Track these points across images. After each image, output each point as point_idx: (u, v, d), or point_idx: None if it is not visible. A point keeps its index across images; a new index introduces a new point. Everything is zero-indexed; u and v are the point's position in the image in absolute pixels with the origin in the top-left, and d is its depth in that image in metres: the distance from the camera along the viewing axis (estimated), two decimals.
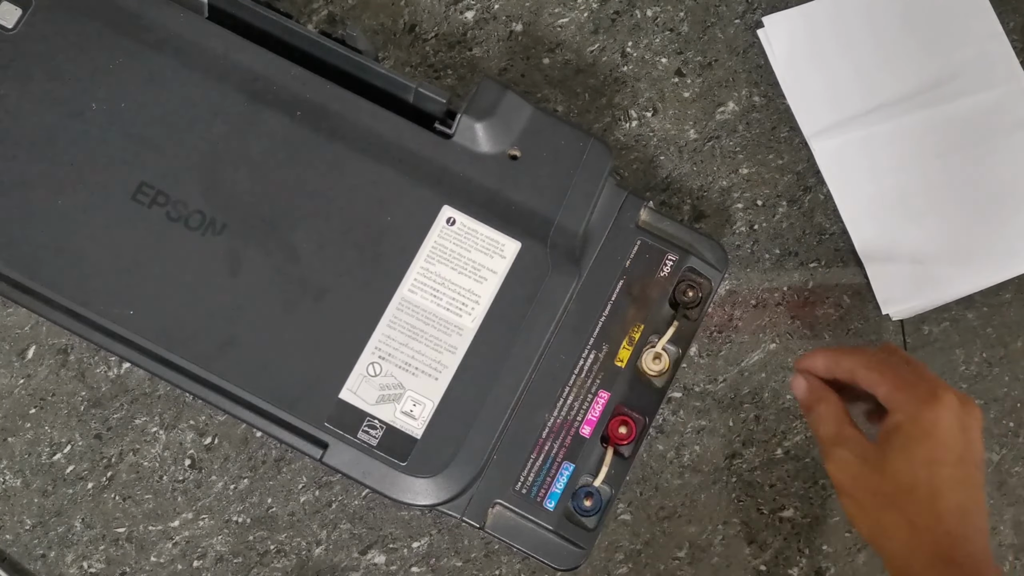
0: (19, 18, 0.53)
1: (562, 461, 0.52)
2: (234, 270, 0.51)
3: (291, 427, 0.50)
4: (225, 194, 0.52)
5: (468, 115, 0.53)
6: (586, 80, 0.63)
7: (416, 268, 0.52)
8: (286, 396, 0.50)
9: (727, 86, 0.63)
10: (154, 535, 0.58)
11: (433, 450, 0.50)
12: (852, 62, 0.64)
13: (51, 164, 0.51)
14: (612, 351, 0.53)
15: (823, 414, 0.48)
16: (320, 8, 0.63)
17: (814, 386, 0.49)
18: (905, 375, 0.45)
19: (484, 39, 0.63)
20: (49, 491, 0.58)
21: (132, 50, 0.53)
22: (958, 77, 0.64)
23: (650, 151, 0.63)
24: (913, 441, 0.43)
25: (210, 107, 0.52)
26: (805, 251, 0.62)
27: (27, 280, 0.51)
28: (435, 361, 0.51)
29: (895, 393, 0.45)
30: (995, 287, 0.62)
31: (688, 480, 0.59)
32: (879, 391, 0.45)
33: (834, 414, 0.47)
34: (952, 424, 0.43)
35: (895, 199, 0.62)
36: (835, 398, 0.48)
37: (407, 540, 0.58)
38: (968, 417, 0.44)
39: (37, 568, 0.58)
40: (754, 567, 0.59)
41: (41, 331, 0.59)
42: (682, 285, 0.54)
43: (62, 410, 0.59)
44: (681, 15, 0.64)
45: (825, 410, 0.48)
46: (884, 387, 0.45)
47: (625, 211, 0.55)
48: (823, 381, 0.49)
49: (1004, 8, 0.64)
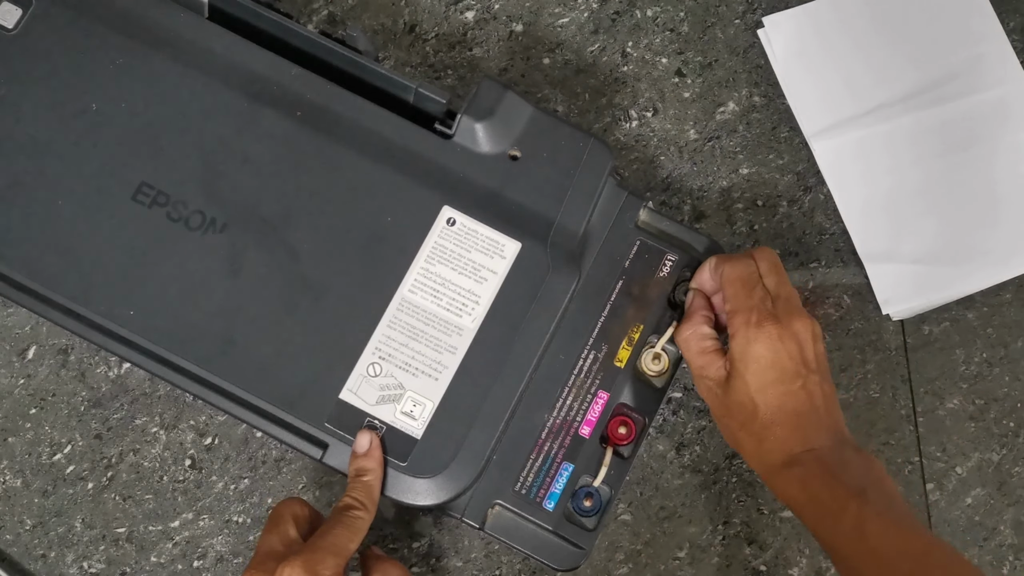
0: (19, 18, 0.53)
1: (562, 461, 0.52)
2: (234, 270, 0.51)
3: (291, 427, 0.50)
4: (225, 194, 0.52)
5: (468, 115, 0.53)
6: (586, 80, 0.63)
7: (416, 268, 0.52)
8: (286, 396, 0.50)
9: (727, 86, 0.63)
10: (154, 535, 0.58)
11: (433, 450, 0.50)
12: (852, 62, 0.64)
13: (51, 164, 0.51)
14: (612, 351, 0.53)
15: (688, 339, 0.52)
16: (320, 8, 0.63)
17: (693, 307, 0.53)
18: (750, 299, 0.49)
19: (484, 39, 0.63)
20: (49, 491, 0.58)
21: (132, 50, 0.53)
22: (958, 77, 0.64)
23: (650, 151, 0.63)
24: (744, 369, 0.49)
25: (210, 107, 0.52)
26: (805, 251, 0.62)
27: (27, 280, 0.51)
28: (435, 361, 0.51)
29: (733, 316, 0.49)
30: (995, 287, 0.62)
31: (688, 480, 0.59)
32: (727, 308, 0.50)
33: (698, 340, 0.51)
34: (773, 349, 0.48)
35: (895, 199, 0.62)
36: (702, 326, 0.51)
37: (407, 540, 0.58)
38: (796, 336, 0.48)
39: (37, 568, 0.58)
40: (754, 567, 0.59)
41: (41, 331, 0.59)
42: (684, 284, 0.54)
43: (62, 410, 0.59)
44: (681, 15, 0.64)
45: (689, 334, 0.52)
46: (729, 305, 0.50)
47: (625, 211, 0.55)
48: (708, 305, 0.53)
49: (1004, 8, 0.64)
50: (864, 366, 0.61)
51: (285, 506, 0.48)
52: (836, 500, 0.46)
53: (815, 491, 0.47)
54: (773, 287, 0.50)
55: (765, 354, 0.48)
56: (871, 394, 0.61)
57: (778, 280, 0.51)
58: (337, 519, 0.47)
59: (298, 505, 0.48)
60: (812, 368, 0.49)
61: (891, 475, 0.59)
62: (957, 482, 0.60)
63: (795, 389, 0.48)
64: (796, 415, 0.48)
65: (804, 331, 0.49)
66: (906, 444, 0.61)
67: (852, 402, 0.60)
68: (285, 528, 0.47)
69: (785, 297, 0.50)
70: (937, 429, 0.61)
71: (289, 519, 0.47)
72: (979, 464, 0.61)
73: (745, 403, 0.49)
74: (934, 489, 0.60)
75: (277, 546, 0.46)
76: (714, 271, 0.52)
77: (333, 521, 0.47)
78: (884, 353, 0.61)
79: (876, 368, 0.61)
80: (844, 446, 0.48)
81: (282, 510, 0.48)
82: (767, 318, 0.48)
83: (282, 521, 0.47)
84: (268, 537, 0.46)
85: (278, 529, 0.47)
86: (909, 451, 0.60)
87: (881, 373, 0.61)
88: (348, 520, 0.47)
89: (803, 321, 0.49)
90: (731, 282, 0.50)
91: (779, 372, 0.48)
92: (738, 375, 0.49)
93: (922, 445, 0.61)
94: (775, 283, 0.50)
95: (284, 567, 0.43)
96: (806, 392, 0.48)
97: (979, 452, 0.61)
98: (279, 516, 0.47)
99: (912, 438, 0.61)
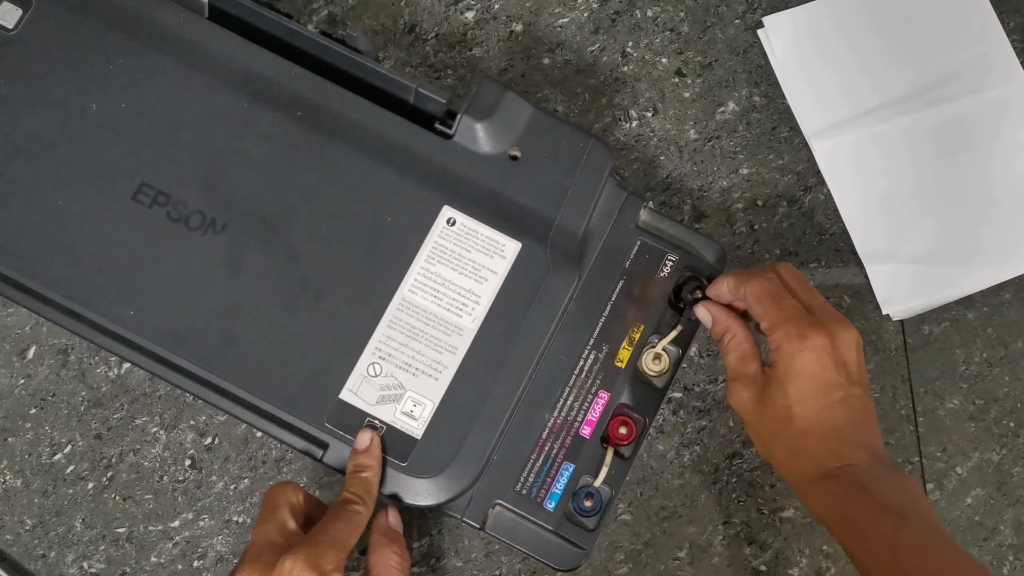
0: (19, 18, 0.53)
1: (562, 461, 0.52)
2: (234, 270, 0.51)
3: (291, 427, 0.50)
4: (225, 194, 0.52)
5: (468, 115, 0.53)
6: (586, 80, 0.63)
7: (416, 268, 0.52)
8: (286, 396, 0.50)
9: (727, 86, 0.63)
10: (154, 535, 0.58)
11: (433, 450, 0.50)
12: (852, 62, 0.64)
13: (51, 164, 0.51)
14: (612, 351, 0.53)
15: (729, 346, 0.50)
16: (320, 8, 0.63)
17: (718, 316, 0.51)
18: (784, 311, 0.48)
19: (484, 39, 0.63)
20: (49, 491, 0.58)
21: (132, 50, 0.53)
22: (958, 77, 0.64)
23: (650, 151, 0.63)
24: (786, 380, 0.47)
25: (210, 107, 0.52)
26: (805, 251, 0.62)
27: (27, 280, 0.51)
28: (435, 361, 0.51)
29: (773, 331, 0.48)
30: (995, 287, 0.62)
31: (688, 480, 0.59)
32: (763, 325, 0.49)
33: (737, 346, 0.50)
34: (819, 361, 0.47)
35: (895, 199, 0.62)
36: (740, 330, 0.50)
37: (407, 540, 0.58)
38: (841, 347, 0.47)
39: (37, 568, 0.58)
40: (754, 567, 0.59)
41: (41, 331, 0.59)
42: (692, 283, 0.54)
43: (62, 410, 0.59)
44: (681, 15, 0.64)
45: (730, 342, 0.50)
46: (766, 322, 0.48)
47: (625, 211, 0.55)
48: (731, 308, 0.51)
49: (1004, 8, 0.64)
50: None
51: (280, 493, 0.47)
52: (871, 518, 0.45)
53: (849, 507, 0.46)
54: (804, 298, 0.49)
55: (811, 366, 0.46)
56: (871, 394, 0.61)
57: (808, 290, 0.49)
58: (337, 513, 0.46)
59: (292, 492, 0.47)
60: (855, 380, 0.47)
61: None
62: (957, 482, 0.60)
63: (834, 403, 0.47)
64: (834, 430, 0.47)
65: (851, 341, 0.47)
66: (906, 444, 0.61)
67: None
68: (282, 518, 0.46)
69: (819, 306, 0.48)
70: (937, 429, 0.61)
71: (285, 508, 0.46)
72: (979, 464, 0.61)
73: (781, 414, 0.47)
74: (934, 489, 0.60)
75: (275, 537, 0.45)
76: (734, 290, 0.50)
77: (333, 515, 0.46)
78: (884, 353, 0.61)
79: (876, 368, 0.61)
80: (880, 464, 0.47)
81: (277, 498, 0.47)
82: (811, 328, 0.47)
83: (278, 510, 0.46)
84: (264, 527, 0.46)
85: (275, 519, 0.46)
86: (909, 451, 0.60)
87: (881, 373, 0.61)
88: (348, 515, 0.46)
89: (849, 330, 0.47)
90: (759, 299, 0.49)
91: (822, 385, 0.47)
92: (778, 385, 0.47)
93: (922, 445, 0.61)
94: (805, 294, 0.49)
95: (286, 560, 0.43)
96: (846, 406, 0.47)
97: (979, 452, 0.61)
98: (275, 505, 0.47)
99: (912, 438, 0.61)
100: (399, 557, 0.48)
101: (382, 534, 0.49)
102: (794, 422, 0.47)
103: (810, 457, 0.47)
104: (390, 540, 0.48)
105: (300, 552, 0.43)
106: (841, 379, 0.47)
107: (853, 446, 0.47)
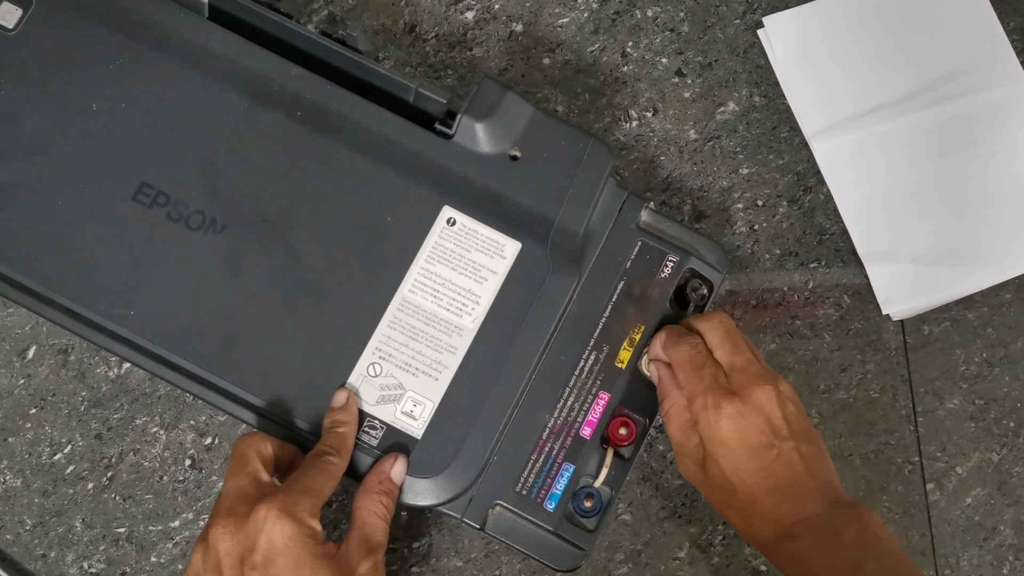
0: (19, 18, 0.53)
1: (562, 462, 0.52)
2: (234, 270, 0.51)
3: (292, 427, 0.50)
4: (225, 194, 0.52)
5: (468, 115, 0.53)
6: (586, 80, 0.63)
7: (416, 268, 0.52)
8: (286, 396, 0.50)
9: (727, 86, 0.63)
10: (154, 535, 0.58)
11: (433, 451, 0.50)
12: (852, 62, 0.64)
13: (52, 164, 0.51)
14: (613, 352, 0.53)
15: (668, 413, 0.50)
16: (320, 8, 0.63)
17: (662, 379, 0.51)
18: (702, 380, 0.48)
19: (484, 39, 0.63)
20: (49, 491, 0.58)
21: (132, 50, 0.53)
22: (958, 77, 0.64)
23: (650, 151, 0.63)
24: (715, 453, 0.47)
25: (210, 107, 0.52)
26: (805, 251, 0.62)
27: (27, 280, 0.51)
28: (435, 361, 0.51)
29: (691, 403, 0.48)
30: (995, 287, 0.62)
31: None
32: (684, 394, 0.49)
33: (677, 415, 0.50)
34: (739, 428, 0.46)
35: (895, 199, 0.62)
36: (680, 398, 0.50)
37: (407, 540, 0.58)
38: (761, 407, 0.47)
39: (37, 568, 0.58)
40: (754, 567, 0.59)
41: (41, 331, 0.59)
42: (695, 281, 0.54)
43: (62, 410, 0.59)
44: (681, 15, 0.64)
45: (670, 409, 0.50)
46: (685, 392, 0.49)
47: (625, 212, 0.55)
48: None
49: (1004, 8, 0.64)
50: (864, 366, 0.61)
51: (248, 445, 0.46)
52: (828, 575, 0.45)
53: (810, 567, 0.45)
54: (726, 360, 0.48)
55: (731, 435, 0.46)
56: (871, 394, 0.61)
57: (731, 349, 0.49)
58: (311, 464, 0.46)
59: (261, 441, 0.46)
60: (784, 435, 0.47)
61: (891, 475, 0.60)
62: (957, 482, 0.60)
63: (770, 463, 0.46)
64: (778, 489, 0.46)
65: (767, 399, 0.47)
66: (906, 444, 0.61)
67: (852, 402, 0.60)
68: (254, 469, 0.45)
69: (740, 368, 0.48)
70: (937, 429, 0.61)
71: (256, 459, 0.45)
72: (979, 464, 0.61)
73: (723, 484, 0.47)
74: (934, 489, 0.60)
75: (248, 488, 0.44)
76: (664, 351, 0.51)
77: (307, 466, 0.46)
78: (884, 353, 0.61)
79: (876, 368, 0.61)
80: (836, 509, 0.46)
81: (246, 450, 0.46)
82: (723, 397, 0.47)
83: (249, 462, 0.45)
84: (235, 480, 0.45)
85: (246, 471, 0.45)
86: (909, 451, 0.60)
87: (881, 373, 0.61)
88: (322, 464, 0.46)
89: (763, 389, 0.47)
90: (680, 366, 0.49)
91: (749, 450, 0.46)
92: (710, 458, 0.47)
93: (922, 445, 0.61)
94: (728, 354, 0.48)
95: (260, 507, 0.42)
96: (784, 462, 0.46)
97: (979, 452, 0.61)
98: (244, 456, 0.45)
99: (912, 438, 0.61)
100: (385, 509, 0.47)
101: (378, 480, 0.48)
102: (736, 491, 0.47)
103: (763, 520, 0.47)
104: (383, 490, 0.48)
105: (274, 500, 0.42)
106: (769, 439, 0.47)
107: (800, 499, 0.46)
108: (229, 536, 0.42)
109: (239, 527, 0.42)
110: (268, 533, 0.42)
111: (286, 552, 0.42)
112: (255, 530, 0.42)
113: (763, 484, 0.46)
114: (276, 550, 0.42)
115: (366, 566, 0.44)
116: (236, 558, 0.42)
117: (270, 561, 0.42)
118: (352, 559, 0.44)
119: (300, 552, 0.42)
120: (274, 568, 0.42)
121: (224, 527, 0.43)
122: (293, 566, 0.42)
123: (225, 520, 0.43)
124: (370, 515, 0.46)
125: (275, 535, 0.42)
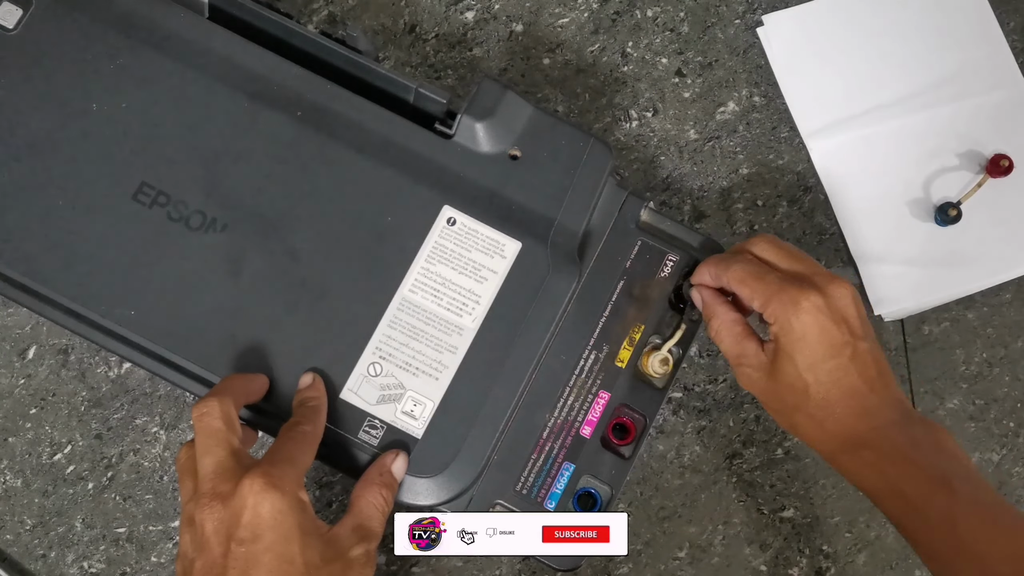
0: (19, 18, 0.53)
1: (563, 461, 0.52)
2: (235, 270, 0.51)
3: None
4: (226, 194, 0.52)
5: (468, 115, 0.53)
6: (586, 80, 0.63)
7: (417, 268, 0.52)
8: (287, 396, 0.50)
9: (727, 86, 0.63)
10: (154, 535, 0.58)
11: (434, 450, 0.50)
12: (851, 62, 0.64)
13: (52, 164, 0.51)
14: (613, 351, 0.53)
15: (719, 330, 0.50)
16: (320, 8, 0.63)
17: (707, 301, 0.51)
18: (770, 285, 0.47)
19: (484, 39, 0.63)
20: (49, 491, 0.58)
21: (132, 50, 0.53)
22: (957, 78, 0.64)
23: (650, 151, 0.63)
24: (791, 350, 0.46)
25: (211, 107, 0.52)
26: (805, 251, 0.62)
27: (27, 280, 0.51)
28: (436, 361, 0.51)
29: (766, 307, 0.47)
30: (995, 287, 0.62)
31: (688, 480, 0.59)
32: (754, 305, 0.48)
33: (728, 329, 0.50)
34: (818, 323, 0.46)
35: (891, 200, 0.62)
36: (728, 313, 0.50)
37: None
38: (837, 303, 0.46)
39: (37, 568, 0.58)
40: (754, 567, 0.59)
41: (41, 331, 0.59)
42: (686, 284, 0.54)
43: (63, 410, 0.59)
44: (681, 15, 0.64)
45: (719, 326, 0.50)
46: (756, 302, 0.48)
47: (626, 211, 0.55)
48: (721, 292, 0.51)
49: (1004, 8, 0.64)
50: None
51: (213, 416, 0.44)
52: (920, 494, 0.43)
53: (894, 480, 0.44)
54: (787, 267, 0.48)
55: (812, 329, 0.46)
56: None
57: (788, 257, 0.49)
58: (286, 435, 0.45)
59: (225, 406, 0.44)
60: (859, 334, 0.46)
61: None
62: None
63: (846, 362, 0.46)
64: (853, 391, 0.46)
65: (844, 295, 0.46)
66: None
67: None
68: (228, 441, 0.44)
69: (807, 271, 0.48)
70: None
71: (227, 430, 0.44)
72: (979, 464, 0.61)
73: (796, 385, 0.46)
74: None
75: (227, 462, 0.43)
76: (717, 278, 0.50)
77: (283, 438, 0.45)
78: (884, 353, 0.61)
79: None
80: (911, 420, 0.45)
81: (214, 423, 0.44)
82: (801, 292, 0.46)
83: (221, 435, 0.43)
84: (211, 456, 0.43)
85: (221, 444, 0.43)
86: None
87: None
88: (296, 434, 0.46)
89: (841, 286, 0.46)
90: (742, 282, 0.48)
91: (828, 346, 0.45)
92: (785, 356, 0.46)
93: None
94: (787, 262, 0.48)
95: (244, 481, 0.41)
96: (860, 363, 0.46)
97: (979, 452, 0.61)
98: (214, 430, 0.43)
99: None
100: (384, 501, 0.47)
101: (379, 472, 0.48)
102: (811, 390, 0.46)
103: (837, 424, 0.46)
104: (383, 482, 0.47)
105: (256, 473, 0.42)
106: (845, 336, 0.46)
107: (878, 404, 0.46)
108: (216, 515, 0.42)
109: (225, 504, 0.42)
110: (255, 508, 0.41)
111: (275, 526, 0.41)
112: (240, 505, 0.42)
113: (839, 384, 0.46)
114: (263, 524, 0.41)
115: (358, 551, 0.44)
116: (224, 536, 0.42)
117: (258, 536, 0.41)
118: (344, 541, 0.44)
119: (289, 526, 0.42)
120: (262, 543, 0.41)
121: (210, 507, 0.42)
122: (282, 540, 0.41)
123: (211, 499, 0.42)
124: (368, 505, 0.46)
125: (262, 509, 0.41)
